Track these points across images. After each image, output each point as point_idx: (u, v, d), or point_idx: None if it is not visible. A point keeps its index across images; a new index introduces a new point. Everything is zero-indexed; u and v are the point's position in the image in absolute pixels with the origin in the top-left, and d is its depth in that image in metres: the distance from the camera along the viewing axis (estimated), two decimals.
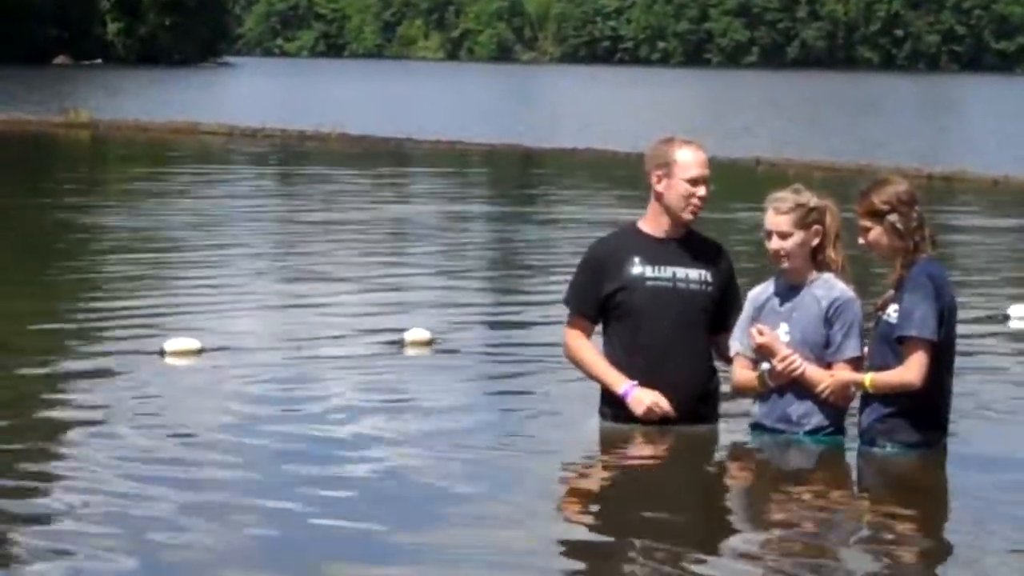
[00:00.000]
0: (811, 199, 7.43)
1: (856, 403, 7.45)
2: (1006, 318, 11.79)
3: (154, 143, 33.94)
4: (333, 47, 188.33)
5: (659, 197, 7.65)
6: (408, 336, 10.27)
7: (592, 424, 7.78)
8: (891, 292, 7.25)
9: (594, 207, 21.04)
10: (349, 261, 15.20)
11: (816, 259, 7.46)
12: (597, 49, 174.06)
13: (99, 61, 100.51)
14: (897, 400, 7.19)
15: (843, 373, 7.33)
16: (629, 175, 23.67)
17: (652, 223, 7.70)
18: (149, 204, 20.28)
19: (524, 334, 11.01)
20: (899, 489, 7.13)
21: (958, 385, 7.60)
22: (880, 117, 53.14)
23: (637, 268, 7.60)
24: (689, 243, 7.70)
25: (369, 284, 13.45)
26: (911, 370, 7.11)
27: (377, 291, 13.03)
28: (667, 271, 7.60)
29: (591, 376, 7.74)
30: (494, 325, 11.60)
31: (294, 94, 64.73)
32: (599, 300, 7.64)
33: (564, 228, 18.36)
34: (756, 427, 7.57)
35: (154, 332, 10.33)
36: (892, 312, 7.20)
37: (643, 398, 7.52)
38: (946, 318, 7.17)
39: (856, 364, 7.35)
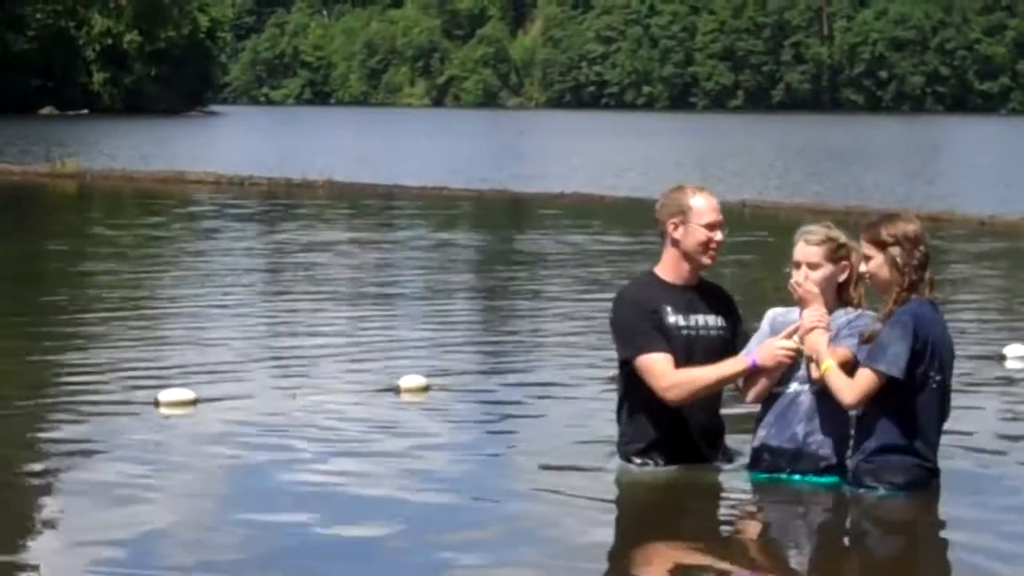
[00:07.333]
0: (840, 235, 7.51)
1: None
2: (1002, 358, 11.76)
3: (141, 193, 33.92)
4: (319, 95, 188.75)
5: (676, 244, 7.72)
6: (403, 382, 10.23)
7: (604, 466, 7.78)
8: (879, 326, 7.27)
9: (582, 247, 21.03)
10: (339, 307, 15.15)
11: (842, 297, 7.52)
12: (583, 94, 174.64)
13: (85, 111, 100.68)
14: (881, 439, 7.22)
15: (824, 338, 7.29)
16: (617, 217, 23.71)
17: (671, 271, 7.74)
18: (137, 253, 20.25)
19: (522, 377, 10.96)
20: (888, 533, 7.12)
21: (954, 425, 7.59)
22: (866, 159, 53.24)
23: (671, 317, 7.63)
24: (703, 290, 7.79)
25: (360, 329, 13.39)
26: (855, 390, 7.17)
27: (369, 336, 12.97)
28: (693, 319, 7.67)
29: (716, 385, 7.58)
30: (489, 367, 11.53)
31: (281, 142, 64.77)
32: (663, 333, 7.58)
33: (553, 268, 18.36)
34: (760, 450, 7.54)
35: (148, 383, 10.28)
36: None
37: (766, 350, 7.44)
38: (927, 358, 7.19)
39: (846, 362, 7.28)
